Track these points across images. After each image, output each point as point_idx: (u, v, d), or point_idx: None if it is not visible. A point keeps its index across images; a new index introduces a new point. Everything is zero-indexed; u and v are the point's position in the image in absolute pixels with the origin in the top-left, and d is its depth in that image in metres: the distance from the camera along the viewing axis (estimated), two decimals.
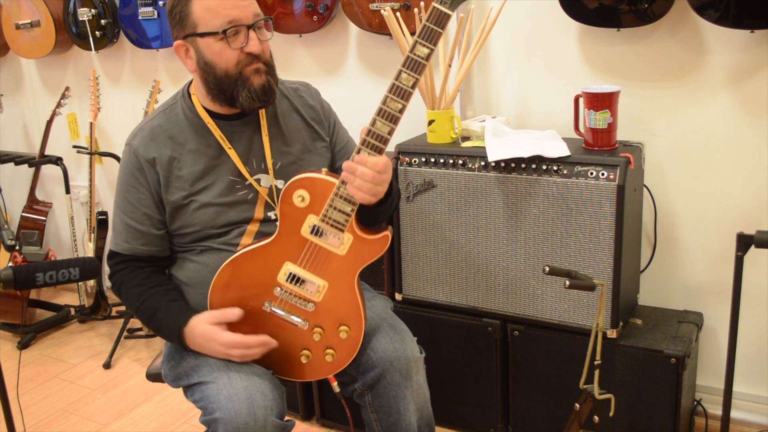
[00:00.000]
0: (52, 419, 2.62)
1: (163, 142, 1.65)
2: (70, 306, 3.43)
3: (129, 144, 1.68)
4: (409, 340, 1.70)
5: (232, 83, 1.60)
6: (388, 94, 1.47)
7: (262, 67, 1.61)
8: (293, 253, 1.59)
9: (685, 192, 2.18)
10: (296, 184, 1.56)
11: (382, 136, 1.48)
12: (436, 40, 1.43)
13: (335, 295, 1.61)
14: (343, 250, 1.57)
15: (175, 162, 1.65)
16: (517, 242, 2.04)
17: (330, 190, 1.53)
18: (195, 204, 1.65)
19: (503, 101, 2.40)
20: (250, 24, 1.57)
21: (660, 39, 2.11)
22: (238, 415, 1.46)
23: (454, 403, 2.25)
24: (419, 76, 1.45)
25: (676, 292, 2.26)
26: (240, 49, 1.57)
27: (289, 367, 1.67)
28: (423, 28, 1.42)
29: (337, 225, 1.55)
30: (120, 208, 1.70)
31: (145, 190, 1.66)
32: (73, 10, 3.09)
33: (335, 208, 1.54)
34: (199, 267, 1.69)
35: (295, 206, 1.57)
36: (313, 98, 1.81)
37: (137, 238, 1.68)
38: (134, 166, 1.66)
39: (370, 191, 1.49)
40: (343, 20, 2.56)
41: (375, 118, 1.48)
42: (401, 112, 1.47)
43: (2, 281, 1.44)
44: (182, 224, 1.67)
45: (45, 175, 3.66)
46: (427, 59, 1.43)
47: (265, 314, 1.62)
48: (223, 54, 1.57)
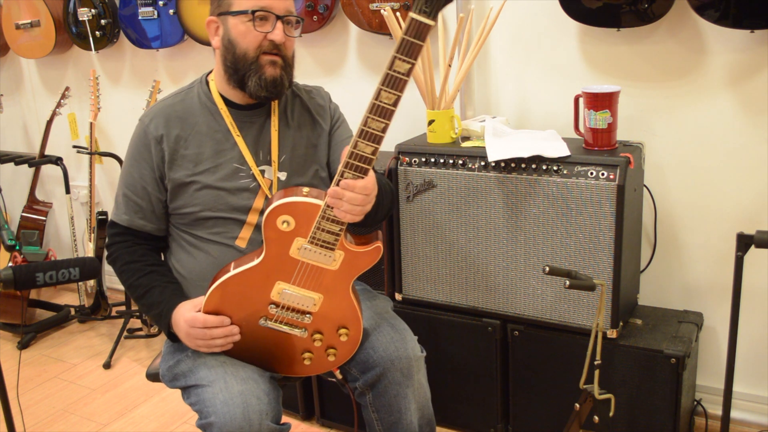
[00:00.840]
0: (52, 419, 2.62)
1: (174, 121, 1.70)
2: (70, 306, 3.43)
3: (141, 120, 1.73)
4: (409, 339, 1.70)
5: (247, 66, 1.64)
6: (368, 114, 1.39)
7: (279, 60, 1.65)
8: (284, 272, 1.56)
9: (685, 192, 2.18)
10: (278, 210, 1.51)
11: (365, 157, 1.42)
12: (416, 54, 1.32)
13: (331, 303, 1.61)
14: (335, 266, 1.55)
15: (182, 141, 1.69)
16: (517, 242, 2.04)
17: (315, 213, 1.49)
18: (197, 185, 1.68)
19: (503, 101, 2.40)
20: (280, 15, 1.63)
21: (660, 39, 2.11)
22: (232, 420, 1.47)
23: (454, 403, 2.25)
24: (401, 93, 1.36)
25: (676, 292, 2.26)
26: (264, 34, 1.62)
27: (292, 368, 1.68)
28: (401, 42, 1.31)
29: (327, 245, 1.52)
30: (123, 180, 1.74)
31: (147, 167, 1.70)
32: (73, 10, 3.09)
33: (323, 230, 1.51)
34: (196, 259, 1.71)
35: (280, 231, 1.53)
36: (323, 98, 1.87)
37: (135, 212, 1.72)
38: (141, 142, 1.70)
39: (360, 212, 1.48)
40: (343, 20, 2.57)
41: (356, 140, 1.41)
42: (384, 131, 1.39)
43: (2, 281, 1.45)
44: (183, 203, 1.70)
45: (45, 175, 3.66)
46: (408, 75, 1.34)
47: (260, 330, 1.63)
48: (248, 35, 1.62)
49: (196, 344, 1.61)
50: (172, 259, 1.77)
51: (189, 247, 1.73)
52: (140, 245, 1.74)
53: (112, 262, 1.76)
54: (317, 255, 1.54)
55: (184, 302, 1.65)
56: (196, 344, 1.61)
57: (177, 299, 1.66)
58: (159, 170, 1.69)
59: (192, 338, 1.60)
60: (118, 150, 3.28)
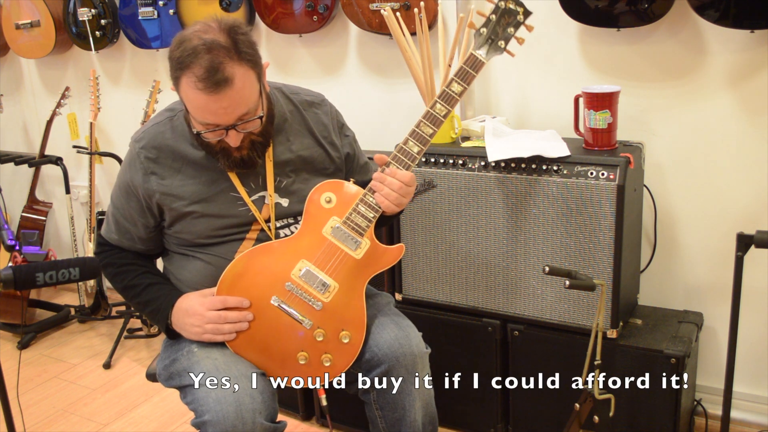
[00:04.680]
0: (52, 419, 2.62)
1: (166, 152, 1.64)
2: (70, 306, 3.43)
3: (134, 144, 1.67)
4: (414, 336, 1.70)
5: (213, 150, 1.59)
6: (422, 119, 1.62)
7: (245, 145, 1.57)
8: (311, 251, 1.64)
9: (685, 192, 2.18)
10: (326, 186, 1.66)
11: (411, 154, 1.62)
12: (470, 81, 1.62)
13: (343, 298, 1.63)
14: (359, 254, 1.63)
15: (176, 173, 1.65)
16: (517, 242, 2.04)
17: (355, 198, 1.64)
18: (196, 214, 1.66)
19: (503, 101, 2.40)
20: (230, 125, 1.51)
21: (660, 39, 2.11)
22: (225, 418, 1.47)
23: (454, 403, 2.25)
24: (452, 109, 1.63)
25: (676, 292, 2.26)
26: (219, 139, 1.55)
27: (285, 366, 1.65)
28: (460, 69, 1.62)
29: (358, 229, 1.63)
30: (114, 201, 1.73)
31: (135, 198, 1.67)
32: (73, 10, 3.09)
33: (359, 213, 1.62)
34: (195, 267, 1.70)
35: (320, 206, 1.65)
36: (328, 116, 1.78)
37: (124, 234, 1.72)
38: (132, 170, 1.66)
39: (396, 201, 1.60)
40: (343, 20, 2.56)
41: (407, 138, 1.62)
42: (431, 137, 1.62)
43: (2, 281, 1.44)
44: (181, 229, 1.69)
45: (45, 175, 3.66)
46: (460, 95, 1.62)
47: (269, 310, 1.62)
48: (206, 134, 1.54)
49: (204, 330, 1.60)
50: (170, 268, 1.76)
51: (187, 258, 1.72)
52: (130, 253, 1.75)
53: (103, 269, 1.73)
54: (346, 238, 1.63)
55: (188, 294, 1.65)
56: (204, 330, 1.60)
57: (175, 294, 1.67)
58: (146, 200, 1.66)
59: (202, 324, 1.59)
60: (118, 150, 3.28)
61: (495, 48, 1.64)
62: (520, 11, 1.65)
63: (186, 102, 1.52)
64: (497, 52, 1.64)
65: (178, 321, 1.65)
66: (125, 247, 1.74)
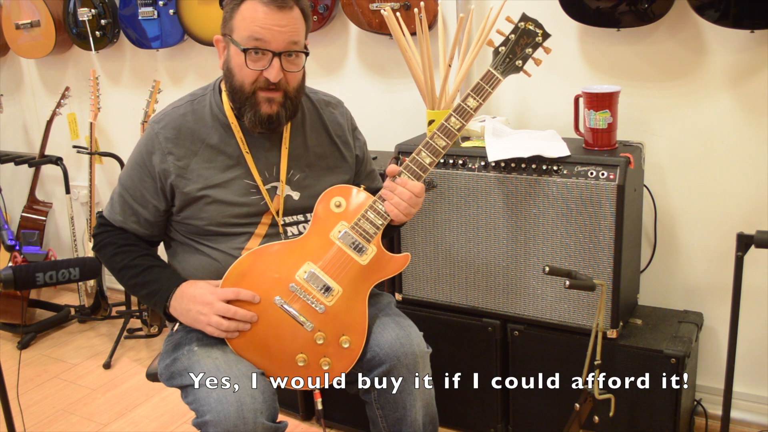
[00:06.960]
0: (52, 419, 2.62)
1: (184, 133, 1.66)
2: (70, 306, 3.43)
3: (152, 124, 1.68)
4: (415, 336, 1.70)
5: (243, 99, 1.61)
6: (436, 131, 1.64)
7: (277, 97, 1.61)
8: (317, 253, 1.64)
9: (685, 192, 2.18)
10: (336, 191, 1.68)
11: (423, 165, 1.64)
12: (486, 97, 1.65)
13: (346, 303, 1.63)
14: (365, 260, 1.64)
15: (193, 156, 1.66)
16: (517, 242, 2.04)
17: (365, 205, 1.65)
18: (208, 198, 1.66)
19: (503, 101, 2.40)
20: (277, 51, 1.56)
21: (660, 39, 2.11)
22: (227, 418, 1.47)
23: (454, 403, 2.25)
24: (466, 123, 1.65)
25: (676, 292, 2.26)
26: (259, 71, 1.58)
27: (284, 367, 1.65)
28: (477, 85, 1.65)
29: (366, 235, 1.64)
30: (123, 181, 1.72)
31: (149, 176, 1.67)
32: (73, 10, 3.09)
33: (367, 219, 1.64)
34: (200, 262, 1.70)
35: (330, 210, 1.67)
36: (344, 116, 1.83)
37: (130, 215, 1.71)
38: (149, 150, 1.66)
39: (405, 210, 1.62)
40: (343, 20, 2.57)
41: (420, 149, 1.64)
42: (444, 149, 1.64)
43: (2, 281, 1.44)
44: (190, 214, 1.68)
45: (45, 175, 3.66)
46: (475, 110, 1.65)
47: (271, 309, 1.62)
48: (243, 69, 1.58)
49: (208, 321, 1.58)
50: (173, 261, 1.76)
51: (193, 250, 1.72)
52: (132, 235, 1.73)
53: (101, 248, 1.71)
54: (353, 243, 1.64)
55: (196, 281, 1.64)
56: (208, 321, 1.58)
57: (178, 278, 1.65)
58: (161, 180, 1.66)
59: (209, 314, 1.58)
60: (118, 150, 3.27)
61: (512, 67, 1.67)
62: (539, 33, 1.69)
63: (242, 22, 1.55)
64: (514, 71, 1.67)
65: (180, 305, 1.62)
66: (128, 229, 1.72)
